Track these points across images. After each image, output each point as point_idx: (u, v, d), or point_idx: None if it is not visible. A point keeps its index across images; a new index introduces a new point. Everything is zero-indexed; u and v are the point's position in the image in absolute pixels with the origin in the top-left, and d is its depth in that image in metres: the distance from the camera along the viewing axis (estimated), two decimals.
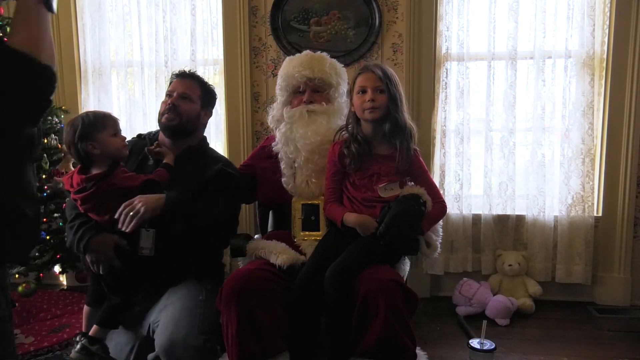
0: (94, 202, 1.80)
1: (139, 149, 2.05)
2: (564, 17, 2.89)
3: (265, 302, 1.69)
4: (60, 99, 3.21)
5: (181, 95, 2.00)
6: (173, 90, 2.03)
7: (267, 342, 1.66)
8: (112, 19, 3.22)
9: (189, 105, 2.01)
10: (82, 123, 1.79)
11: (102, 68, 3.24)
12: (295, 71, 1.98)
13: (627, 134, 2.89)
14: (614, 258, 2.99)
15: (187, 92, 2.02)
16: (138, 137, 2.16)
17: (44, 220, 2.71)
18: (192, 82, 2.05)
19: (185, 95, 2.01)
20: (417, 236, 1.83)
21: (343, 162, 1.84)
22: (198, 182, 1.91)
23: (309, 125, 1.94)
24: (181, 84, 2.04)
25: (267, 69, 3.13)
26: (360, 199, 1.82)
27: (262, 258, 1.87)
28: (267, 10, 3.06)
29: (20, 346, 2.46)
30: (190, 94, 2.02)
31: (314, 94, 1.99)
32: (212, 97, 2.13)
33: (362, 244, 1.75)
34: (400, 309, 1.63)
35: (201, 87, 2.07)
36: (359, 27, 2.98)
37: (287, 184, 1.99)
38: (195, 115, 2.03)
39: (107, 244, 1.79)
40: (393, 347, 1.60)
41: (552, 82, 2.93)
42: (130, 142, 2.03)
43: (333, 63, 2.06)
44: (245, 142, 3.15)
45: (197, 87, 2.06)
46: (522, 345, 2.48)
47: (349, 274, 1.69)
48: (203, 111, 2.07)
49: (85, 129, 1.78)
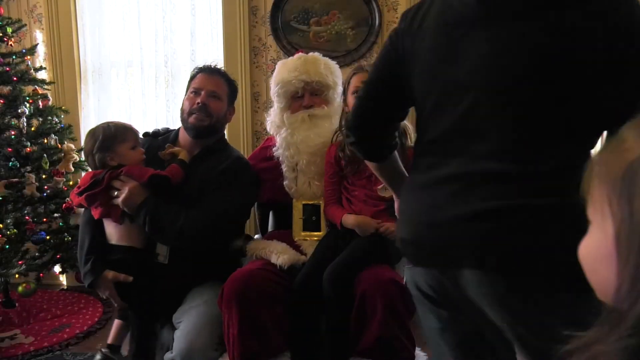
0: (102, 200, 1.77)
1: (154, 149, 1.93)
2: None
3: (266, 302, 1.69)
4: (60, 99, 3.21)
5: (210, 94, 1.90)
6: (200, 87, 1.91)
7: (268, 342, 1.66)
8: (112, 19, 3.22)
9: (218, 104, 1.91)
10: (103, 134, 1.77)
11: (102, 68, 3.24)
12: (292, 77, 1.95)
13: None
14: None
15: (217, 91, 1.92)
16: (151, 136, 2.05)
17: (44, 220, 2.71)
18: (219, 79, 1.95)
19: (215, 94, 1.91)
20: None
21: (339, 164, 1.85)
22: (199, 189, 1.83)
23: (312, 129, 1.94)
24: (209, 80, 1.92)
25: (267, 69, 3.13)
26: (359, 199, 1.82)
27: (263, 258, 1.88)
28: (267, 10, 3.06)
29: (20, 346, 2.46)
30: (219, 92, 1.92)
31: (313, 97, 1.98)
32: (236, 93, 2.05)
33: (361, 244, 1.76)
34: (398, 309, 1.63)
35: (228, 85, 1.98)
36: (359, 27, 2.98)
37: (289, 188, 1.99)
38: (223, 114, 1.95)
39: (107, 283, 1.75)
40: (391, 347, 1.60)
41: None
42: (143, 142, 1.94)
43: (327, 63, 2.03)
44: (245, 142, 3.15)
45: (224, 85, 1.96)
46: None
47: (348, 273, 1.69)
48: (229, 109, 2.00)
49: (105, 140, 1.76)
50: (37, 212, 2.71)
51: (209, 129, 1.91)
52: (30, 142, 2.68)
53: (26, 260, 2.62)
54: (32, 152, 2.67)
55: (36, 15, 3.27)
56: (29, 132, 2.70)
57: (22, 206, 2.65)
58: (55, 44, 3.22)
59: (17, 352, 2.40)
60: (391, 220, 1.76)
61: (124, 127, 1.82)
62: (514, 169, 0.95)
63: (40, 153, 2.68)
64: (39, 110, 2.79)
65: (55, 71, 3.23)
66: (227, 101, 1.97)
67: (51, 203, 2.72)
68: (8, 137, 2.63)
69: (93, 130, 1.81)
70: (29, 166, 2.69)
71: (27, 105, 2.70)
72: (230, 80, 2.00)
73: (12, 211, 2.61)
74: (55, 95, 3.17)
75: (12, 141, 2.62)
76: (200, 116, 1.88)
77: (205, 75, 1.94)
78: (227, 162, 1.91)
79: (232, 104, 2.03)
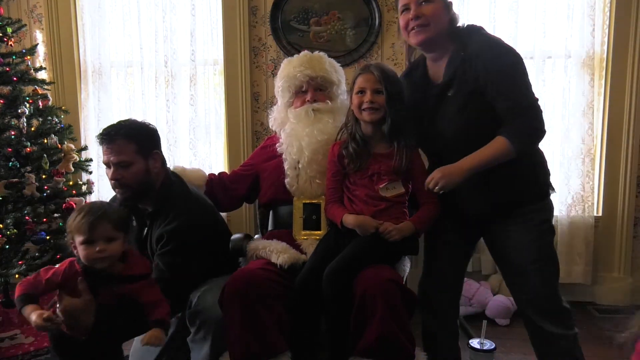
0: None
1: None
2: (564, 17, 2.89)
3: (267, 301, 1.69)
4: (60, 99, 3.21)
5: (118, 165, 1.78)
6: (107, 161, 1.80)
7: (268, 342, 1.66)
8: (112, 19, 3.22)
9: (130, 170, 1.78)
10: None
11: (102, 68, 3.23)
12: (297, 71, 1.99)
13: (627, 134, 2.89)
14: (614, 258, 2.99)
15: (122, 158, 1.77)
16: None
17: (44, 220, 2.70)
18: (120, 142, 1.78)
19: (123, 164, 1.77)
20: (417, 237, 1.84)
21: (342, 162, 1.85)
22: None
23: (315, 124, 1.95)
24: (110, 151, 1.79)
25: (267, 69, 3.13)
26: (360, 198, 1.82)
27: (263, 258, 1.88)
28: (267, 10, 3.06)
29: (20, 346, 2.46)
30: (125, 158, 1.77)
31: (317, 92, 2.01)
32: (152, 139, 1.87)
33: (361, 244, 1.75)
34: (398, 308, 1.63)
35: (132, 141, 1.79)
36: (359, 27, 2.98)
37: (290, 186, 1.99)
38: (142, 174, 1.80)
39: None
40: (391, 347, 1.60)
41: (552, 82, 2.93)
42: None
43: (332, 62, 2.09)
44: (245, 142, 3.15)
45: (127, 144, 1.78)
46: (522, 345, 2.48)
47: (347, 273, 1.69)
48: (149, 162, 1.83)
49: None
50: (37, 212, 2.70)
51: (137, 195, 1.83)
52: (30, 142, 2.68)
53: (26, 260, 2.61)
54: (32, 152, 2.67)
55: (36, 15, 3.27)
56: (29, 132, 2.69)
57: (22, 206, 2.64)
58: (55, 44, 3.22)
59: (17, 352, 2.40)
60: (391, 220, 1.77)
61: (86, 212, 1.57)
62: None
63: (40, 153, 2.68)
64: (39, 110, 2.79)
65: (55, 71, 3.23)
66: (140, 157, 1.80)
67: (51, 203, 2.71)
68: (8, 137, 2.63)
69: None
70: (29, 166, 2.68)
71: (27, 105, 2.70)
72: (135, 135, 1.81)
73: (12, 211, 2.61)
74: (55, 95, 3.17)
75: (12, 141, 2.62)
76: (120, 191, 1.82)
77: (106, 146, 1.81)
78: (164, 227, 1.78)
79: (152, 150, 1.84)
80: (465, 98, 1.67)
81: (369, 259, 1.73)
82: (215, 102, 3.22)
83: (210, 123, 3.22)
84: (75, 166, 2.85)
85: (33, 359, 2.38)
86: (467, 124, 1.68)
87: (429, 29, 1.69)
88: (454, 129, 1.71)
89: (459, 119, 1.69)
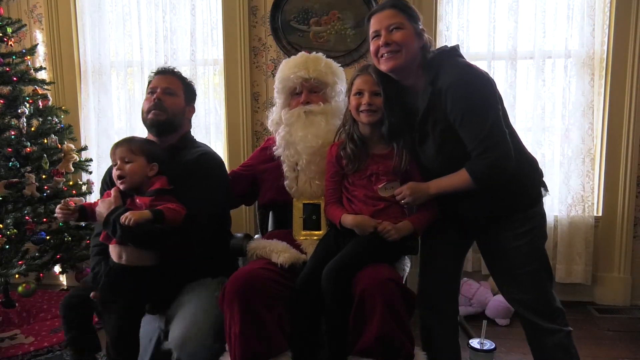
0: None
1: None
2: (564, 17, 2.89)
3: (267, 301, 1.69)
4: (60, 99, 3.21)
5: (165, 91, 1.96)
6: (155, 86, 1.99)
7: (269, 342, 1.65)
8: (112, 19, 3.22)
9: (173, 99, 1.97)
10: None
11: (102, 68, 3.24)
12: (291, 72, 1.99)
13: (627, 134, 2.89)
14: (614, 258, 2.99)
15: (171, 87, 1.98)
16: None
17: (44, 220, 2.71)
18: (173, 78, 2.02)
19: (169, 91, 1.97)
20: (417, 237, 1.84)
21: (341, 163, 1.85)
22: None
23: (308, 128, 1.94)
24: (163, 80, 2.00)
25: (267, 69, 3.13)
26: (359, 198, 1.82)
27: (263, 257, 1.88)
28: (267, 10, 3.06)
29: (20, 346, 2.46)
30: (174, 88, 1.99)
31: (311, 94, 2.00)
32: (193, 92, 2.11)
33: (360, 243, 1.75)
34: (397, 307, 1.63)
35: (182, 82, 2.04)
36: (359, 27, 2.98)
37: (290, 187, 1.98)
38: (180, 110, 2.00)
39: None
40: (390, 346, 1.60)
41: (552, 82, 2.93)
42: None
43: (329, 63, 2.06)
44: (245, 142, 3.15)
45: (178, 82, 2.03)
46: (522, 345, 2.47)
47: (346, 272, 1.69)
48: (187, 107, 2.04)
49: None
50: (37, 212, 2.71)
51: (167, 124, 1.96)
52: (30, 142, 2.68)
53: (26, 260, 2.62)
54: (32, 152, 2.67)
55: (36, 15, 3.28)
56: (29, 132, 2.70)
57: (22, 206, 2.65)
58: (55, 44, 3.23)
59: (17, 352, 2.41)
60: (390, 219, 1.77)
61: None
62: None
63: (40, 153, 2.68)
64: (39, 110, 2.79)
65: (55, 71, 3.23)
66: (183, 97, 2.02)
67: (51, 203, 2.71)
68: (8, 137, 2.63)
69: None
70: (29, 166, 2.69)
71: (27, 105, 2.70)
72: (184, 78, 2.06)
73: (12, 211, 2.61)
74: (55, 96, 3.18)
75: (12, 141, 2.62)
76: (157, 112, 1.94)
77: (159, 75, 2.03)
78: (191, 157, 1.93)
79: (191, 102, 2.07)
80: (443, 135, 1.68)
81: (367, 258, 1.73)
82: (215, 102, 3.22)
83: (210, 123, 3.22)
84: (75, 166, 2.86)
85: (33, 359, 2.38)
86: (448, 161, 1.70)
87: (399, 55, 1.69)
88: (437, 166, 1.74)
89: (439, 156, 1.72)
